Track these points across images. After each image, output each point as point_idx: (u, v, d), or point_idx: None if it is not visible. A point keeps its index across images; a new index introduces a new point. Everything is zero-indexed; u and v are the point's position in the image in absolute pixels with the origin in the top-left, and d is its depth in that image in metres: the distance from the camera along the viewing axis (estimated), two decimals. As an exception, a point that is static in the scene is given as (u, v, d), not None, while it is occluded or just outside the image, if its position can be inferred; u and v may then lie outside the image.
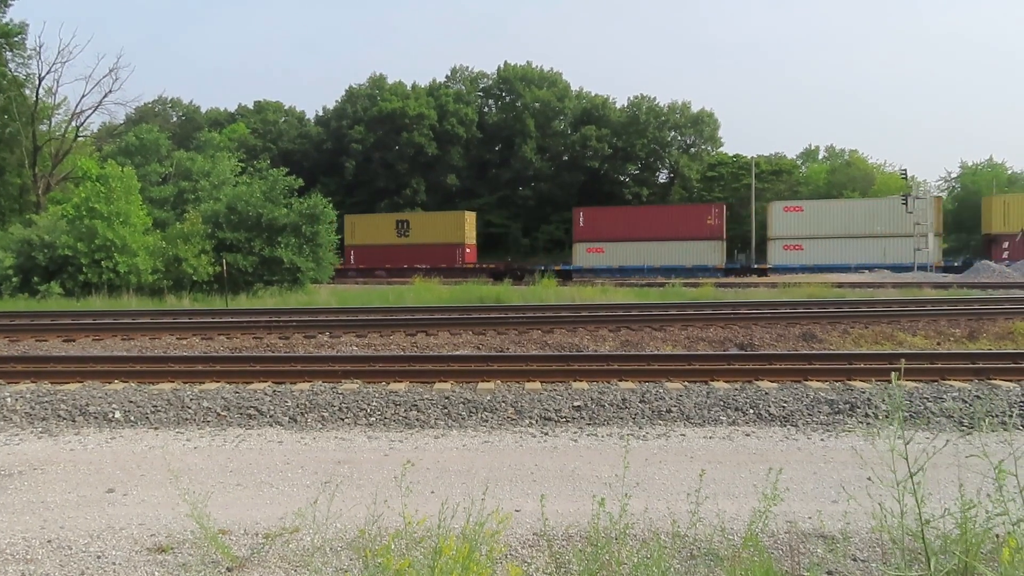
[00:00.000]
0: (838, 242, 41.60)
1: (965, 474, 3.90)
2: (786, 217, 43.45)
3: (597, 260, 45.58)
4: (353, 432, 7.50)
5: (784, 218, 43.47)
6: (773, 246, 43.49)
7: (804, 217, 42.97)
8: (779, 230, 43.42)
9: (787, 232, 43.14)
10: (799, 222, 43.02)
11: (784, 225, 43.33)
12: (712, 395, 8.36)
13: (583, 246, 46.37)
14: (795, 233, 42.88)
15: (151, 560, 4.14)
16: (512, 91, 71.53)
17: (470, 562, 3.02)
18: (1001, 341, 13.39)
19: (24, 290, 26.37)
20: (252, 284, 28.19)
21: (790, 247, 42.75)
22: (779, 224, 43.48)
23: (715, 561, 3.79)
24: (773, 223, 43.80)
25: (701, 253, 43.75)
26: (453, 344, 13.64)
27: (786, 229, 43.24)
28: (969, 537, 3.32)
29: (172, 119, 73.74)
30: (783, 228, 43.35)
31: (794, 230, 43.01)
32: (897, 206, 41.52)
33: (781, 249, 43.05)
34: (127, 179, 29.04)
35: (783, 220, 43.46)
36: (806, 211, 43.42)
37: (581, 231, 46.61)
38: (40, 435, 7.55)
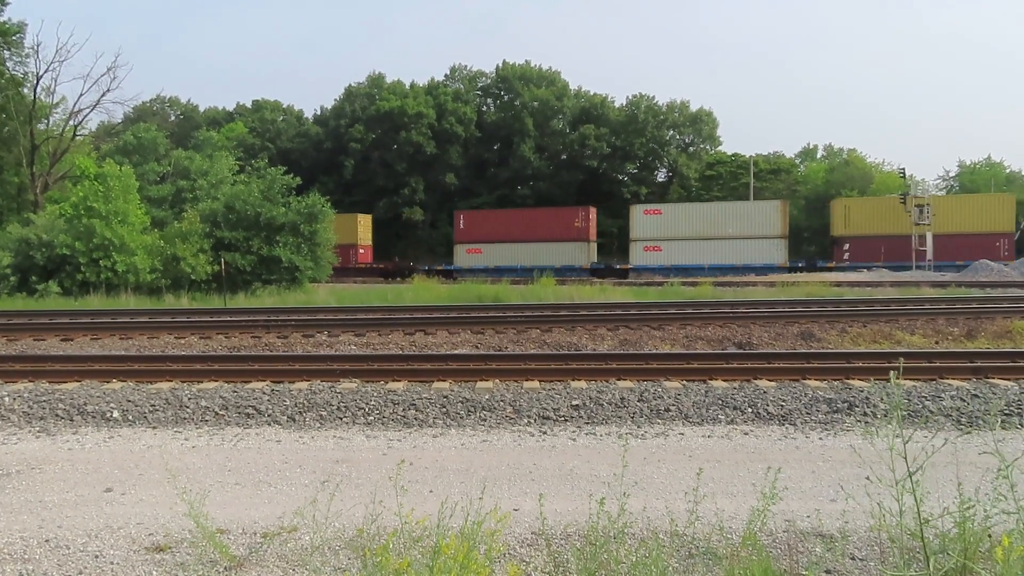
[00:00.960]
0: (694, 243, 43.47)
1: (964, 473, 3.91)
2: (646, 219, 45.19)
3: (475, 260, 47.60)
4: (351, 431, 7.49)
5: (644, 220, 45.20)
6: (634, 247, 45.16)
7: (663, 220, 44.86)
8: (640, 232, 45.11)
9: (647, 234, 44.86)
10: (658, 224, 44.88)
11: (644, 227, 45.07)
12: (710, 394, 8.36)
13: (463, 247, 48.51)
14: (655, 235, 44.68)
15: (149, 559, 4.13)
16: (511, 90, 71.46)
17: (469, 561, 3.01)
18: (999, 340, 13.40)
19: (22, 289, 26.33)
20: (250, 283, 28.17)
21: (650, 248, 44.46)
22: (640, 226, 45.17)
23: (713, 560, 3.79)
24: (634, 225, 45.40)
25: (569, 254, 45.74)
26: (451, 343, 13.63)
27: (646, 231, 44.98)
28: (967, 536, 3.32)
29: (170, 118, 73.70)
30: (643, 230, 45.04)
31: (653, 232, 44.77)
32: (748, 210, 44.23)
33: (642, 250, 44.78)
34: (125, 178, 28.99)
35: (643, 222, 45.16)
36: (665, 214, 45.40)
37: (461, 233, 48.75)
38: (38, 434, 7.54)
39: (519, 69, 71.93)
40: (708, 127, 70.47)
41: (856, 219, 43.45)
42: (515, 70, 71.85)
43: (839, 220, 44.13)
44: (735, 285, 30.05)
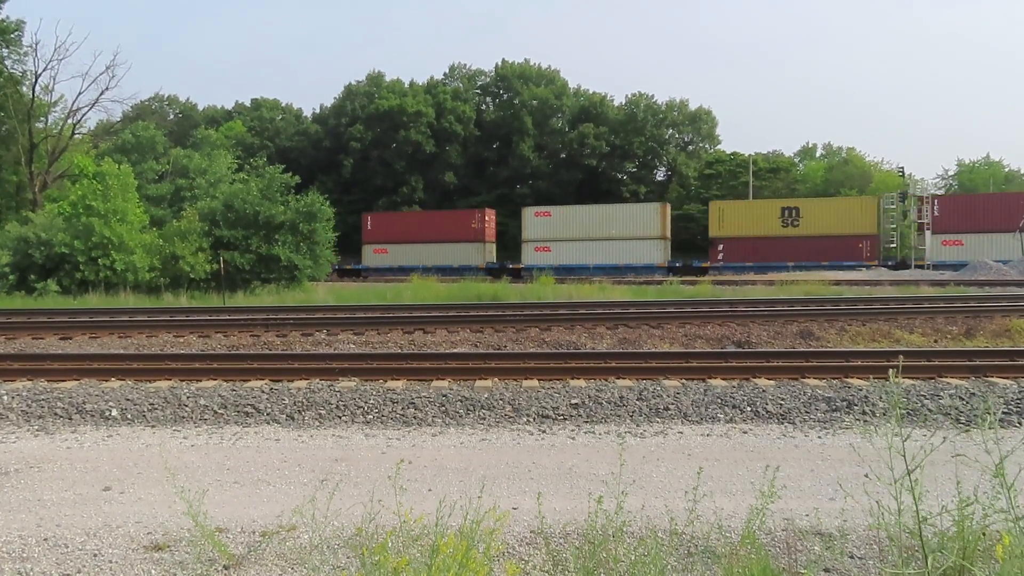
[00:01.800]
0: (580, 244, 45.45)
1: (962, 471, 3.90)
2: (537, 221, 47.35)
3: (382, 260, 50.46)
4: (350, 430, 7.49)
5: (535, 222, 47.32)
6: (526, 248, 47.29)
7: (552, 222, 46.97)
8: (531, 233, 47.28)
9: (538, 235, 46.99)
10: (548, 226, 46.99)
11: (535, 229, 47.19)
12: (710, 393, 8.36)
13: (371, 247, 51.20)
14: (545, 236, 46.83)
15: (148, 558, 4.13)
16: (510, 89, 71.42)
17: (467, 560, 3.01)
18: (998, 339, 13.41)
19: (21, 288, 26.30)
20: (249, 282, 28.15)
21: (540, 248, 46.65)
22: (531, 228, 47.36)
23: (712, 559, 3.79)
24: (526, 227, 47.50)
25: (466, 254, 47.98)
26: (451, 342, 13.63)
27: (537, 233, 47.10)
28: (966, 535, 3.32)
29: (169, 116, 73.55)
30: (534, 232, 47.21)
31: (544, 233, 46.94)
32: (630, 212, 46.52)
33: (533, 250, 46.87)
34: (124, 177, 28.96)
35: (534, 224, 47.33)
36: (554, 216, 47.34)
37: (369, 233, 51.32)
38: (36, 433, 7.54)
39: (518, 68, 71.91)
40: (707, 126, 70.50)
41: (730, 222, 44.79)
42: (514, 69, 71.83)
43: (715, 222, 45.36)
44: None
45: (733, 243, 44.37)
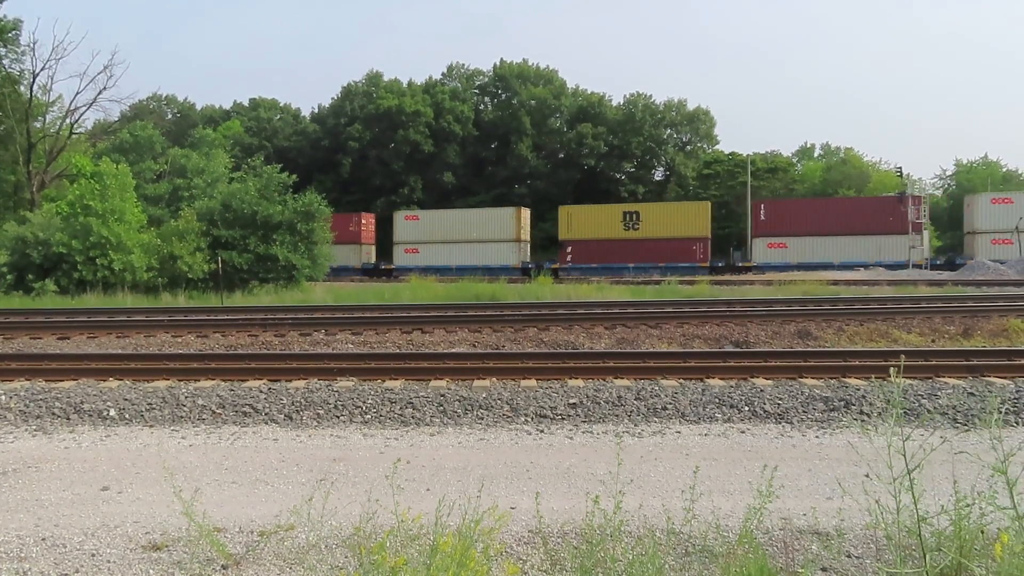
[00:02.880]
0: (444, 246, 48.10)
1: (959, 470, 3.92)
2: (407, 224, 50.32)
3: None
4: (348, 430, 7.50)
5: (405, 225, 50.32)
6: (397, 249, 50.16)
7: (420, 225, 49.95)
8: (401, 236, 50.08)
9: (408, 238, 49.90)
10: (417, 229, 49.88)
11: (405, 232, 50.08)
12: (707, 392, 8.37)
13: None
14: (414, 238, 49.69)
15: (146, 558, 4.13)
16: (508, 89, 71.37)
17: (466, 559, 3.02)
18: (995, 338, 13.43)
19: (19, 288, 26.27)
20: (247, 282, 28.14)
21: (410, 250, 49.68)
22: (401, 231, 50.19)
23: (710, 558, 3.79)
24: (397, 230, 50.36)
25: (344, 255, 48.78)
26: (449, 342, 13.63)
27: (407, 235, 49.95)
28: (963, 534, 3.33)
29: (167, 116, 73.34)
30: (404, 234, 50.01)
31: (413, 236, 49.80)
32: (488, 216, 49.01)
33: (403, 252, 49.91)
34: (122, 176, 28.93)
35: (404, 227, 50.24)
36: (422, 219, 50.42)
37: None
38: (34, 433, 7.54)
39: (516, 68, 71.86)
40: (705, 126, 70.46)
41: (578, 225, 46.79)
42: (512, 69, 71.78)
43: (564, 226, 47.21)
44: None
45: (580, 245, 46.41)
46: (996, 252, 40.26)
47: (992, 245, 40.96)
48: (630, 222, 45.69)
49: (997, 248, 40.69)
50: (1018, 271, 35.32)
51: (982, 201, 42.64)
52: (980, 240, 41.56)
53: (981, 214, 41.95)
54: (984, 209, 41.98)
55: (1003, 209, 41.41)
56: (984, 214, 41.86)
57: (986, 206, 42.03)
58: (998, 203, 41.79)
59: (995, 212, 41.57)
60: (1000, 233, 41.09)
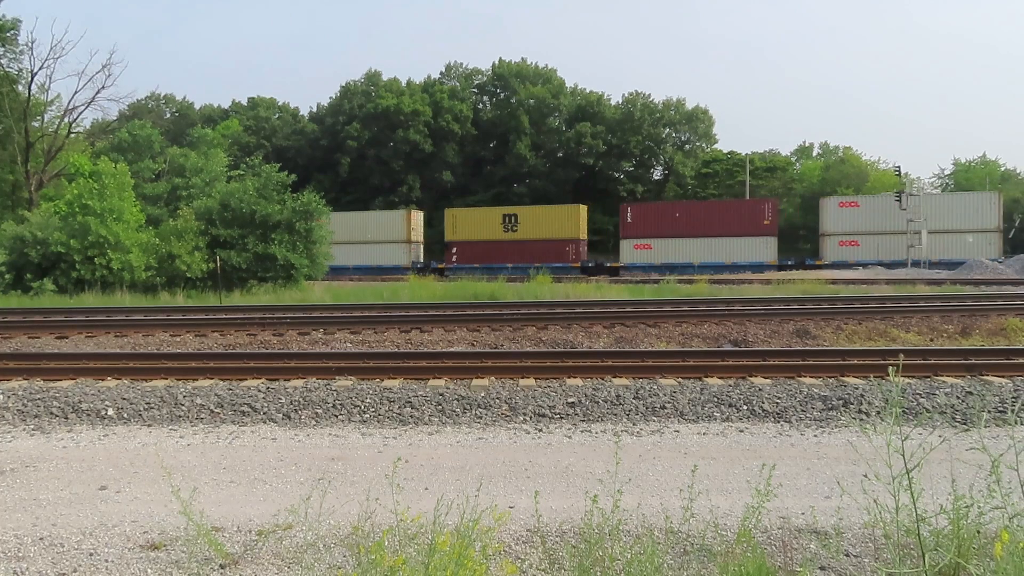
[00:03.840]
0: (345, 247, 47.66)
1: (957, 469, 3.92)
2: None
3: None
4: (347, 429, 7.49)
5: None
6: None
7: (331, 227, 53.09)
8: None
9: None
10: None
11: None
12: (706, 391, 8.37)
13: None
14: None
15: (144, 557, 4.13)
16: (507, 88, 71.36)
17: (464, 558, 3.01)
18: (993, 337, 13.45)
19: (17, 287, 26.24)
20: (246, 281, 28.10)
21: None
22: None
23: (708, 557, 3.79)
24: None
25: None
26: (447, 341, 13.63)
27: None
28: (961, 533, 3.33)
29: (165, 115, 73.27)
30: None
31: None
32: (384, 219, 50.91)
33: None
34: (120, 175, 28.88)
35: None
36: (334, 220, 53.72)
37: None
38: (32, 432, 7.53)
39: (515, 67, 71.86)
40: (704, 125, 70.46)
41: (462, 227, 49.05)
42: (511, 68, 71.77)
43: (449, 227, 49.39)
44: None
45: (465, 246, 48.46)
46: (843, 253, 41.90)
47: (839, 247, 42.33)
48: (509, 224, 47.95)
49: (844, 249, 42.11)
50: (1016, 271, 35.38)
51: (831, 205, 43.85)
52: (829, 242, 42.88)
53: (830, 217, 43.21)
54: (833, 212, 43.26)
55: (850, 212, 42.78)
56: (833, 217, 43.14)
57: (834, 209, 43.31)
58: (845, 206, 43.15)
59: (843, 215, 42.92)
60: (847, 235, 42.30)
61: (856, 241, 41.89)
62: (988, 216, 40.29)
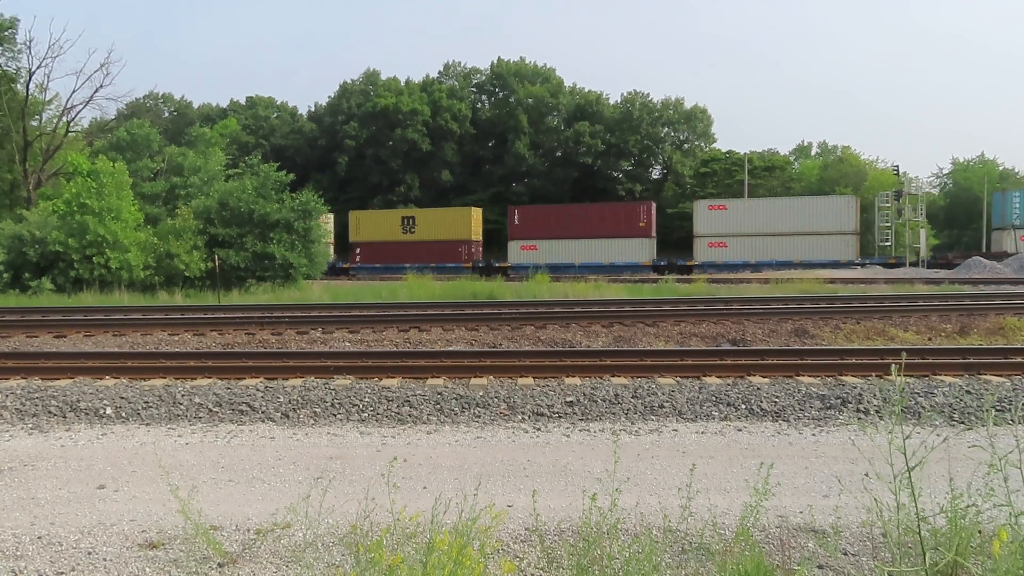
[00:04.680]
0: None
1: (955, 468, 3.92)
2: None
3: None
4: (345, 428, 7.49)
5: None
6: None
7: None
8: None
9: None
10: None
11: None
12: (704, 390, 8.38)
13: None
14: None
15: (142, 556, 4.13)
16: (505, 87, 71.39)
17: (462, 557, 3.01)
18: (992, 336, 13.46)
19: (15, 286, 26.21)
20: (244, 280, 28.09)
21: None
22: None
23: (706, 555, 3.80)
24: None
25: None
26: (446, 340, 13.63)
27: None
28: (960, 532, 3.34)
29: (164, 114, 73.25)
30: None
31: None
32: None
33: None
34: (118, 175, 28.85)
35: None
36: None
37: None
38: (30, 431, 7.52)
39: (514, 66, 71.88)
40: (703, 124, 70.53)
41: (365, 228, 51.33)
42: (510, 67, 71.80)
43: (353, 229, 51.70)
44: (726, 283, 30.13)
45: (367, 247, 50.82)
46: (712, 254, 43.75)
47: (709, 248, 44.11)
48: (407, 226, 50.29)
49: (713, 251, 44.15)
50: (1014, 270, 35.43)
51: (701, 208, 45.61)
52: (700, 243, 44.71)
53: (701, 219, 44.75)
54: (703, 215, 44.81)
55: (718, 215, 44.41)
56: (703, 219, 44.68)
57: (704, 212, 44.89)
58: (714, 209, 44.91)
59: (712, 217, 44.51)
60: (715, 236, 43.80)
61: (724, 243, 43.64)
62: (847, 219, 41.87)
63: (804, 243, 42.02)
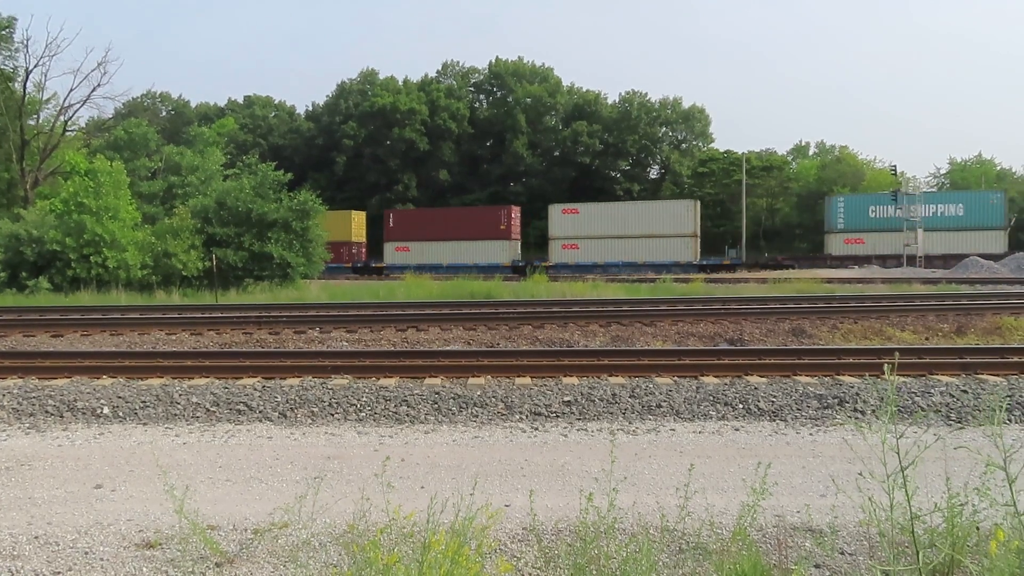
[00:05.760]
0: None
1: (952, 467, 3.92)
2: None
3: None
4: (343, 427, 7.49)
5: None
6: None
7: None
8: None
9: None
10: None
11: None
12: (702, 390, 8.38)
13: None
14: None
15: (139, 556, 4.12)
16: (503, 86, 71.34)
17: (459, 556, 3.01)
18: (988, 336, 13.48)
19: (12, 285, 26.18)
20: (242, 279, 28.08)
21: None
22: None
23: (704, 555, 3.80)
24: None
25: None
26: (443, 339, 13.63)
27: None
28: (956, 531, 3.34)
29: (161, 113, 73.10)
30: None
31: None
32: None
33: None
34: (116, 174, 28.82)
35: None
36: None
37: None
38: (28, 431, 7.52)
39: (512, 65, 71.83)
40: (700, 124, 70.50)
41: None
42: (508, 66, 71.75)
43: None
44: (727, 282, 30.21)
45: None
46: (565, 256, 45.58)
47: (563, 249, 45.95)
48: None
49: (566, 252, 45.76)
50: (1011, 270, 35.48)
51: (555, 211, 47.23)
52: (554, 245, 46.55)
53: (555, 222, 46.66)
54: (557, 218, 46.69)
55: (571, 218, 46.33)
56: (557, 222, 46.58)
57: (559, 216, 46.85)
58: (567, 213, 46.79)
59: (565, 221, 46.43)
60: (569, 239, 45.82)
61: (576, 244, 45.40)
62: (686, 223, 43.83)
63: (649, 245, 44.17)
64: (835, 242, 44.47)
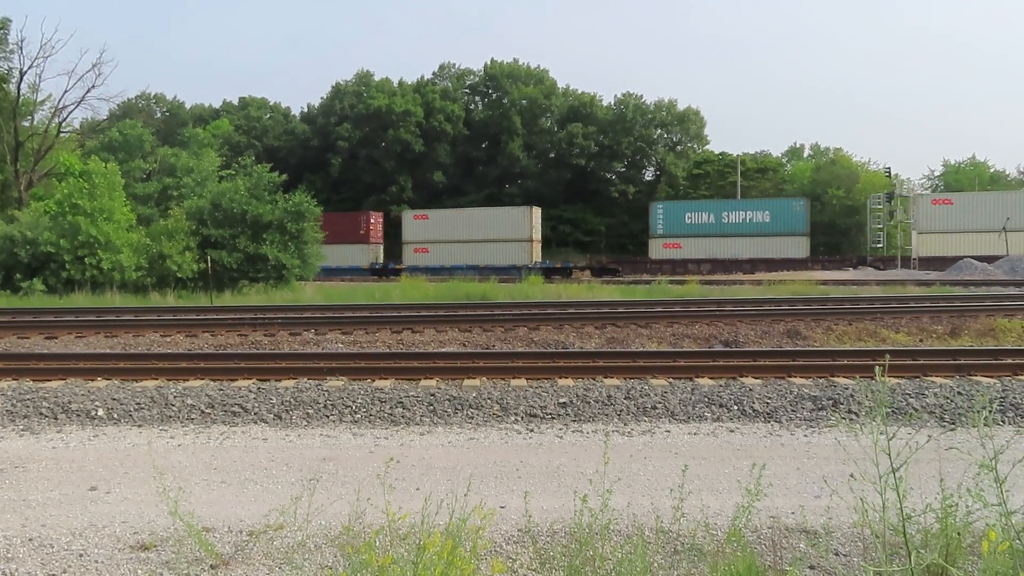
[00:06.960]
0: None
1: (945, 468, 3.94)
2: None
3: None
4: (338, 429, 7.48)
5: None
6: None
7: None
8: None
9: None
10: None
11: None
12: (697, 392, 8.40)
13: None
14: None
15: (134, 558, 4.12)
16: (499, 88, 71.35)
17: (454, 558, 3.02)
18: (982, 338, 13.52)
19: (6, 287, 26.09)
20: (237, 281, 28.02)
21: None
22: None
23: (698, 556, 3.81)
24: None
25: None
26: (439, 341, 13.62)
27: None
28: (949, 532, 3.36)
29: (156, 115, 72.96)
30: None
31: None
32: None
33: None
34: (110, 175, 28.75)
35: None
36: None
37: None
38: (22, 433, 7.49)
39: (507, 67, 71.84)
40: (695, 126, 70.56)
41: None
42: (503, 68, 71.76)
43: None
44: (723, 283, 30.27)
45: None
46: (417, 259, 47.20)
47: (414, 253, 47.71)
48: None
49: (418, 255, 47.53)
50: (1005, 271, 35.59)
51: (408, 216, 49.58)
52: (407, 249, 48.37)
53: (408, 227, 48.68)
54: (409, 223, 48.82)
55: (422, 223, 48.32)
56: (410, 227, 48.60)
57: (411, 221, 48.93)
58: (418, 219, 48.96)
59: (416, 226, 48.39)
60: (420, 243, 47.73)
61: (427, 248, 47.48)
62: (523, 228, 45.86)
63: (491, 249, 45.82)
64: (656, 247, 46.80)
